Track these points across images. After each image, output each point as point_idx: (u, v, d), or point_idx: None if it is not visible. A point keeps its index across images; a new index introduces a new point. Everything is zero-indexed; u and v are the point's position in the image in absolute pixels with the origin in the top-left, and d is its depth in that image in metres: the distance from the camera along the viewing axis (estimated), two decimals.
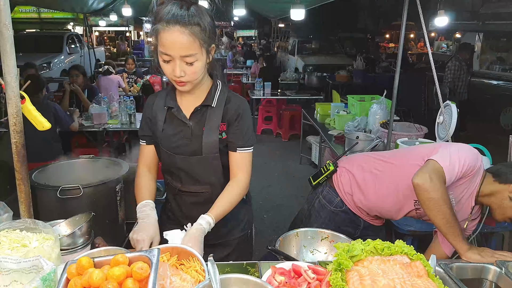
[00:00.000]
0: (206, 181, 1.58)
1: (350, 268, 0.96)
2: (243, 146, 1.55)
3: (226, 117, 1.53)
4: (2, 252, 1.18)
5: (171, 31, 1.31)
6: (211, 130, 1.51)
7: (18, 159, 1.34)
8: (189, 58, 1.35)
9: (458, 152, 1.58)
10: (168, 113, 1.56)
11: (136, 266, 0.86)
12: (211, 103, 1.52)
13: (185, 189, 1.61)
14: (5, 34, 1.26)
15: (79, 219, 1.50)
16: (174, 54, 1.34)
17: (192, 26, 1.32)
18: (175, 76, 1.38)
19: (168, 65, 1.38)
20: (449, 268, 1.31)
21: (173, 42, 1.31)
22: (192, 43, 1.32)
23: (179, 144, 1.53)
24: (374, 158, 1.88)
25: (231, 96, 1.57)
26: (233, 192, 1.54)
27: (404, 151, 1.98)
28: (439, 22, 3.46)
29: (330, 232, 1.54)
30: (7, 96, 1.30)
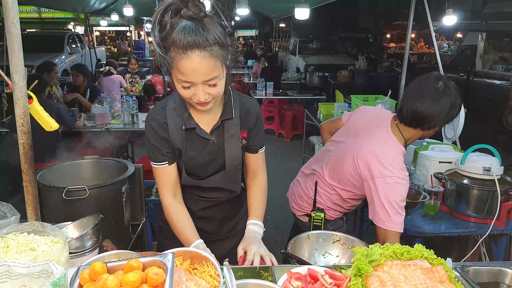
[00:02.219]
0: (225, 189, 1.57)
1: (370, 273, 0.93)
2: (262, 146, 1.58)
3: (247, 124, 1.50)
4: (11, 256, 1.15)
5: (190, 58, 1.17)
6: (232, 141, 1.47)
7: (26, 160, 1.31)
8: (213, 81, 1.23)
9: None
10: (188, 133, 1.44)
11: (151, 272, 0.84)
12: (231, 116, 1.45)
13: (204, 195, 1.58)
14: (13, 32, 1.24)
15: (86, 222, 1.47)
16: (196, 80, 1.22)
17: (211, 47, 1.18)
18: (199, 100, 1.27)
19: (188, 90, 1.26)
20: (465, 272, 1.28)
21: (194, 69, 1.19)
22: (214, 66, 1.20)
23: (206, 161, 1.47)
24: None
25: (243, 101, 1.50)
26: (262, 191, 1.59)
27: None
28: (447, 21, 3.43)
29: (342, 235, 1.51)
30: (15, 96, 1.27)
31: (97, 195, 1.98)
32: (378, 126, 1.84)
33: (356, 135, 1.88)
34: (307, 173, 2.11)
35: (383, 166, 1.68)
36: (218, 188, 1.56)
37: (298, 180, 2.16)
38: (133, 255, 1.16)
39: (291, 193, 2.20)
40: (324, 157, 2.02)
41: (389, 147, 1.74)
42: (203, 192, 1.57)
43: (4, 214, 1.37)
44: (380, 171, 1.67)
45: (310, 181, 2.03)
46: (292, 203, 2.15)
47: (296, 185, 2.15)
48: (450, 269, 1.00)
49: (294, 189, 2.17)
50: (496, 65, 7.99)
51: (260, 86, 7.13)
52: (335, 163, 1.90)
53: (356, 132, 1.90)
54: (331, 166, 1.92)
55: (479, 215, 2.16)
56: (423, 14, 2.77)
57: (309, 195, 2.01)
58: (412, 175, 2.43)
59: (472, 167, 2.15)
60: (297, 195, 2.10)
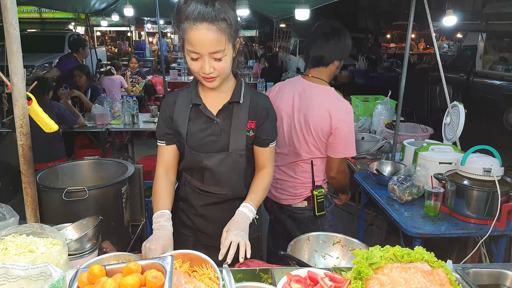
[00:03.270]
0: (228, 182, 1.56)
1: (370, 276, 0.92)
2: (272, 141, 1.61)
3: (256, 115, 1.54)
4: (9, 258, 1.15)
5: (199, 29, 1.30)
6: (238, 126, 1.51)
7: (25, 161, 1.31)
8: (218, 54, 1.34)
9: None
10: (193, 110, 1.54)
11: (150, 275, 0.83)
12: (239, 100, 1.52)
13: (205, 189, 1.59)
14: (12, 33, 1.23)
15: (86, 223, 1.47)
16: (203, 51, 1.33)
17: (219, 22, 1.31)
18: (204, 72, 1.37)
19: (196, 62, 1.37)
20: (466, 273, 1.28)
21: (201, 39, 1.31)
22: (220, 39, 1.32)
23: (207, 141, 1.52)
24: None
25: (255, 94, 1.59)
26: (265, 181, 1.59)
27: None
28: (447, 21, 3.43)
29: (342, 236, 1.51)
30: (14, 98, 1.26)
31: (97, 196, 1.98)
32: (303, 91, 2.11)
33: (296, 110, 2.10)
34: (285, 166, 2.19)
35: (336, 110, 2.01)
36: (219, 180, 1.55)
37: (280, 179, 2.21)
38: (131, 257, 1.15)
39: (278, 192, 2.23)
40: (296, 146, 2.13)
41: (328, 94, 2.08)
42: (205, 182, 1.57)
43: (3, 215, 1.36)
44: (341, 111, 2.02)
45: (296, 169, 2.15)
46: (286, 198, 2.19)
47: (284, 180, 2.19)
48: (451, 271, 1.00)
49: (282, 186, 2.20)
50: (496, 66, 7.98)
51: (260, 86, 7.13)
52: (301, 140, 2.10)
53: (298, 109, 2.11)
54: (300, 144, 2.11)
55: (479, 216, 2.15)
56: (423, 14, 2.76)
57: (304, 180, 2.14)
58: (412, 176, 2.43)
59: (472, 168, 2.15)
60: (289, 187, 2.17)
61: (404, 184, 2.40)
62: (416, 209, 2.35)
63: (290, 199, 2.18)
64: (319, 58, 2.08)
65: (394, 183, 2.43)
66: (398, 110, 3.07)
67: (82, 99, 4.91)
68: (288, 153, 2.16)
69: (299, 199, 2.16)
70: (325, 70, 2.12)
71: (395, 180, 2.45)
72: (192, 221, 1.66)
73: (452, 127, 2.74)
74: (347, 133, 2.02)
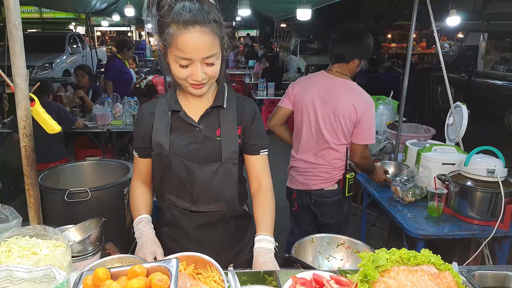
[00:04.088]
0: (222, 196, 1.42)
1: (377, 280, 0.92)
2: (264, 147, 1.48)
3: (242, 120, 1.43)
4: (12, 260, 1.14)
5: (191, 33, 1.18)
6: (228, 132, 1.39)
7: (28, 163, 1.30)
8: (211, 59, 1.23)
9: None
10: (174, 118, 1.41)
11: (155, 278, 0.83)
12: (222, 104, 1.40)
13: (197, 209, 1.43)
14: (15, 34, 1.22)
15: (89, 225, 1.46)
16: (195, 57, 1.21)
17: (211, 23, 1.20)
18: (196, 80, 1.25)
19: (185, 69, 1.24)
20: (471, 276, 1.27)
21: (195, 44, 1.18)
22: (213, 42, 1.21)
23: (190, 150, 1.38)
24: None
25: (239, 98, 1.48)
26: (269, 200, 1.45)
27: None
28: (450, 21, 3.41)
29: (346, 238, 1.50)
30: (16, 99, 1.26)
31: (99, 197, 1.98)
32: (337, 89, 2.31)
33: (323, 103, 2.32)
34: (315, 154, 2.40)
35: (360, 102, 2.26)
36: (212, 196, 1.41)
37: (310, 167, 2.42)
38: (135, 259, 1.15)
39: (307, 179, 2.44)
40: (324, 136, 2.35)
41: (353, 89, 2.30)
42: (196, 201, 1.42)
43: (6, 217, 1.36)
44: (365, 104, 2.26)
45: (327, 155, 2.37)
46: (318, 183, 2.41)
47: (315, 167, 2.40)
48: (458, 274, 0.99)
49: (313, 172, 2.41)
50: (498, 66, 7.96)
51: (261, 86, 7.12)
52: (330, 129, 2.32)
53: (323, 102, 2.33)
54: (329, 133, 2.33)
55: (482, 218, 2.14)
56: (424, 14, 2.75)
57: (336, 166, 2.37)
58: (415, 177, 2.42)
59: (476, 169, 2.14)
60: (322, 172, 2.39)
61: (407, 185, 2.39)
62: (419, 210, 2.34)
63: (321, 183, 2.41)
64: (341, 55, 2.31)
65: (396, 184, 2.42)
66: (401, 110, 3.06)
67: (85, 99, 4.91)
68: (317, 142, 2.38)
69: (331, 182, 2.40)
70: (346, 66, 2.33)
71: (397, 181, 2.44)
72: (185, 248, 1.42)
73: (455, 128, 2.73)
74: (369, 124, 2.28)
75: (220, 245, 1.49)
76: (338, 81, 2.32)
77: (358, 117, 2.26)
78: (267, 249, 1.34)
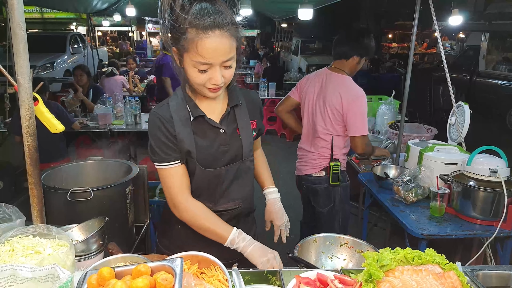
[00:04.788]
0: (240, 194, 1.46)
1: (382, 279, 0.91)
2: (263, 132, 1.59)
3: (254, 114, 1.48)
4: (16, 259, 1.14)
5: (211, 37, 1.16)
6: (246, 130, 1.42)
7: (31, 162, 1.30)
8: (230, 62, 1.23)
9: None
10: (195, 124, 1.35)
11: (160, 277, 0.82)
12: (238, 102, 1.41)
13: (218, 209, 1.43)
14: (19, 34, 1.22)
15: (92, 224, 1.46)
16: (216, 61, 1.20)
17: (229, 26, 1.19)
18: (215, 84, 1.24)
19: (204, 74, 1.22)
20: (475, 275, 1.27)
21: (215, 49, 1.17)
22: (232, 45, 1.21)
23: (218, 154, 1.37)
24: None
25: (244, 91, 1.52)
26: (265, 159, 1.68)
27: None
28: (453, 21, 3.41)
29: (349, 238, 1.50)
30: (20, 98, 1.26)
31: (101, 197, 1.97)
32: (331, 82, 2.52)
33: (318, 95, 2.56)
34: (307, 143, 2.67)
35: (347, 92, 2.42)
36: (231, 194, 1.43)
37: (304, 154, 2.70)
38: (139, 259, 1.15)
39: (301, 165, 2.71)
40: (315, 125, 2.57)
41: (343, 80, 2.48)
42: (217, 202, 1.42)
43: (9, 216, 1.36)
44: (352, 94, 2.40)
45: (317, 144, 2.58)
46: (307, 169, 2.64)
47: (307, 155, 2.66)
48: (462, 274, 0.99)
49: (306, 159, 2.67)
50: (499, 66, 7.95)
51: (263, 86, 7.12)
52: (320, 119, 2.53)
53: (318, 94, 2.57)
54: (319, 123, 2.54)
55: (485, 217, 2.14)
56: (426, 14, 2.75)
57: (323, 154, 2.56)
58: (417, 177, 2.42)
59: (479, 169, 2.13)
60: (311, 159, 2.62)
61: (409, 185, 2.39)
62: (421, 210, 2.34)
63: (310, 169, 2.62)
64: (341, 52, 2.51)
65: (398, 184, 2.42)
66: (403, 110, 3.05)
67: (85, 101, 4.94)
68: (312, 132, 2.61)
69: (318, 169, 2.59)
70: (346, 63, 2.52)
71: (399, 181, 2.43)
72: (195, 244, 1.34)
73: (457, 128, 2.73)
74: (359, 114, 2.40)
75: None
76: (334, 75, 2.52)
77: (344, 106, 2.41)
78: (276, 198, 1.60)
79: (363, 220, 3.19)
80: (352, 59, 2.50)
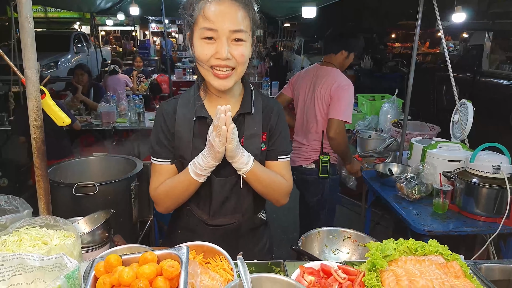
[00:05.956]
0: (238, 208, 1.35)
1: (385, 268, 0.92)
2: (283, 153, 1.37)
3: (268, 125, 1.34)
4: (24, 249, 1.16)
5: (220, 2, 1.10)
6: (252, 140, 1.29)
7: (38, 155, 1.32)
8: (239, 34, 1.12)
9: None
10: (197, 124, 1.29)
11: (166, 264, 0.84)
12: (249, 110, 1.30)
13: (213, 222, 1.35)
14: (26, 27, 1.24)
15: (97, 217, 1.48)
16: (222, 27, 1.10)
17: (244, 1, 1.13)
18: (220, 58, 1.13)
19: (209, 45, 1.13)
20: (477, 269, 1.28)
21: (223, 13, 1.10)
22: (244, 18, 1.13)
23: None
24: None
25: (264, 100, 1.37)
26: (279, 180, 1.35)
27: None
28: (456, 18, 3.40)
29: (352, 232, 1.51)
30: (28, 91, 1.27)
31: (106, 192, 1.99)
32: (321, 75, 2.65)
33: (308, 88, 2.69)
34: (301, 136, 2.77)
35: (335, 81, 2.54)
36: (228, 208, 1.34)
37: (297, 146, 2.79)
38: (145, 248, 1.16)
39: (295, 156, 2.78)
40: (307, 118, 2.68)
41: (332, 71, 2.62)
42: (212, 214, 1.35)
43: (16, 208, 1.38)
44: (338, 83, 2.53)
45: (309, 137, 2.69)
46: (299, 160, 2.75)
47: (300, 147, 2.76)
48: (465, 264, 1.00)
49: (299, 151, 2.76)
50: (503, 65, 7.91)
51: (265, 86, 7.13)
52: (311, 109, 2.64)
53: (309, 87, 2.70)
54: (310, 114, 2.66)
55: (488, 214, 2.14)
56: (428, 14, 2.75)
57: (314, 146, 2.68)
58: (420, 174, 2.42)
59: (482, 166, 2.14)
60: (303, 151, 2.73)
61: (412, 182, 2.39)
62: (424, 207, 2.34)
63: (301, 161, 2.73)
64: (330, 47, 2.69)
65: (401, 182, 2.42)
66: (406, 108, 3.06)
67: (86, 101, 4.97)
68: (302, 125, 2.74)
69: (309, 161, 2.70)
70: (335, 57, 2.67)
71: (403, 178, 2.44)
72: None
73: (460, 125, 2.73)
74: (342, 100, 2.50)
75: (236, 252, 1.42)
76: (324, 69, 2.67)
77: (331, 93, 2.53)
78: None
79: (366, 217, 3.19)
80: (341, 54, 2.65)
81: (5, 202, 1.38)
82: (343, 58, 2.67)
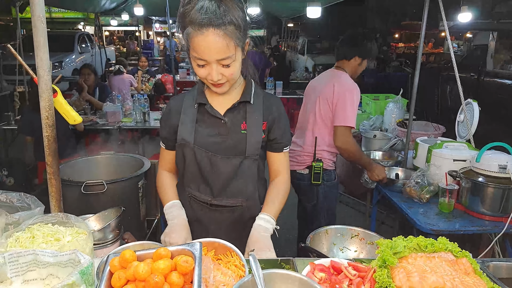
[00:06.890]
0: (242, 191, 1.45)
1: (395, 265, 0.93)
2: (287, 145, 1.52)
3: (269, 116, 1.45)
4: (37, 246, 1.17)
5: (204, 35, 1.20)
6: (254, 127, 1.41)
7: (50, 153, 1.33)
8: (226, 61, 1.26)
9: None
10: (200, 111, 1.44)
11: (181, 260, 0.85)
12: (249, 100, 1.43)
13: (217, 203, 1.46)
14: (39, 27, 1.26)
15: (108, 214, 1.49)
16: (210, 58, 1.24)
17: (226, 26, 1.21)
18: (212, 80, 1.30)
19: (203, 69, 1.29)
20: (486, 267, 1.28)
21: (208, 47, 1.22)
22: (227, 45, 1.22)
23: (214, 141, 1.41)
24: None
25: (266, 95, 1.51)
26: (281, 190, 1.49)
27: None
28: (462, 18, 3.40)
29: (360, 230, 1.52)
30: (40, 90, 1.29)
31: (114, 190, 2.01)
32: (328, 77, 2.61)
33: (315, 91, 2.61)
34: (298, 138, 2.68)
35: (340, 83, 2.46)
36: (232, 190, 1.44)
37: (293, 149, 2.65)
38: (157, 245, 1.17)
39: (290, 160, 2.74)
40: (308, 119, 2.59)
41: (339, 74, 2.55)
42: (216, 194, 1.45)
43: (28, 205, 1.39)
44: (344, 86, 2.44)
45: (305, 140, 2.59)
46: (293, 165, 2.58)
47: (295, 150, 2.63)
48: (475, 261, 1.00)
49: (293, 155, 2.63)
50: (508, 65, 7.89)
51: (269, 85, 7.14)
52: (316, 111, 2.54)
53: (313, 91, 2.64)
54: (310, 114, 2.57)
55: (494, 213, 2.14)
56: (432, 14, 2.75)
57: (308, 151, 2.56)
58: (425, 174, 2.42)
59: (488, 165, 2.14)
60: (297, 155, 2.61)
61: (420, 182, 2.39)
62: (430, 206, 2.35)
63: (295, 165, 2.59)
64: (343, 53, 2.59)
65: (412, 186, 2.40)
66: (411, 107, 3.06)
67: (92, 101, 4.99)
68: (302, 126, 2.66)
69: (302, 166, 2.58)
70: (348, 63, 2.59)
71: (412, 182, 2.41)
72: None
73: (465, 125, 2.73)
74: (348, 105, 2.41)
75: (240, 243, 1.43)
76: (333, 72, 2.62)
77: (335, 95, 2.44)
78: (263, 227, 1.39)
79: (371, 217, 3.20)
80: (354, 60, 2.56)
81: (17, 199, 1.39)
82: (356, 64, 2.59)
